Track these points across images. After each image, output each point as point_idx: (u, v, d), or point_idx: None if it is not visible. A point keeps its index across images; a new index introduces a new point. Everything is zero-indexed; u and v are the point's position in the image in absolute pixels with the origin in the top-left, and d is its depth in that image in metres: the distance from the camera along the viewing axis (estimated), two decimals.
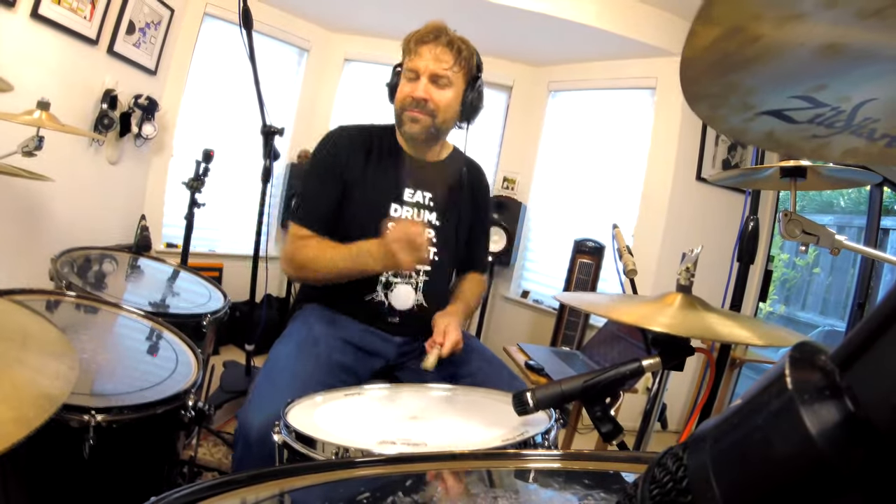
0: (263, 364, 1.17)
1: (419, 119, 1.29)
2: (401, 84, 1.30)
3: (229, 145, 3.20)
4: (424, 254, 1.18)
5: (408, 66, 1.28)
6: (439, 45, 1.26)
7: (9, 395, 0.56)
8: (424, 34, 1.28)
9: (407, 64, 1.29)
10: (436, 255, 1.36)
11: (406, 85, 1.29)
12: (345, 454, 0.74)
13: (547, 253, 3.64)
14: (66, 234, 2.41)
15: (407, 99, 1.28)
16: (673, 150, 3.07)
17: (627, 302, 0.95)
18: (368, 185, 1.33)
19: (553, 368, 2.09)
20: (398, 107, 1.31)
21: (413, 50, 1.28)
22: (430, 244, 1.35)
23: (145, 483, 1.01)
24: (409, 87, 1.28)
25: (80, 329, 1.20)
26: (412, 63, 1.27)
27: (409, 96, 1.28)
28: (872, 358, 0.20)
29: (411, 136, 1.32)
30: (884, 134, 0.47)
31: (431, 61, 1.26)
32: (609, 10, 3.02)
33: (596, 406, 0.79)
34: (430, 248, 1.33)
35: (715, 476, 0.22)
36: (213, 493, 0.51)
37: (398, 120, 1.33)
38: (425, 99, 1.27)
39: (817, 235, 1.05)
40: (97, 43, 2.45)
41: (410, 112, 1.29)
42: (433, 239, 1.36)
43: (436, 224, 1.37)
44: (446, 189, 1.41)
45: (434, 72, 1.26)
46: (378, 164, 1.35)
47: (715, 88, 0.44)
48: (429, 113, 1.28)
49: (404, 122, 1.30)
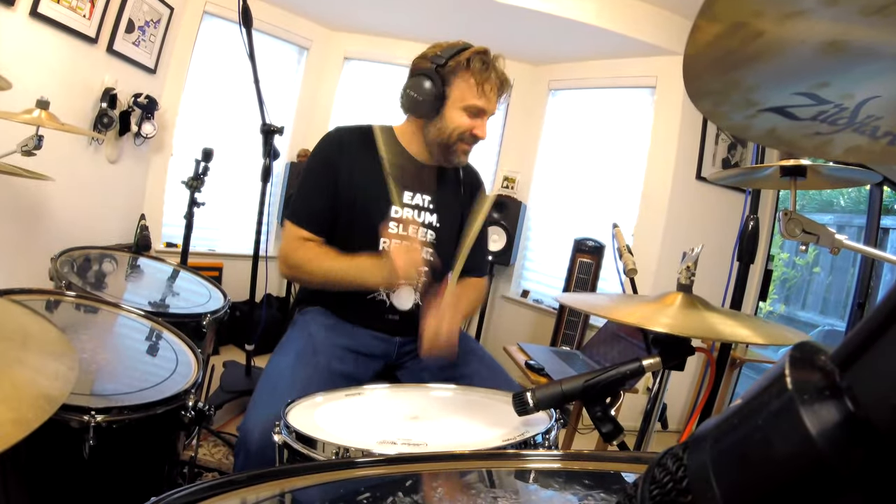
0: (263, 374, 1.17)
1: (469, 151, 1.36)
2: (459, 114, 1.29)
3: (229, 144, 3.19)
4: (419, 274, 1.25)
5: (476, 104, 1.29)
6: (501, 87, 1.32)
7: (8, 396, 0.55)
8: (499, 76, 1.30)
9: (475, 100, 1.28)
10: (434, 255, 1.36)
11: (467, 118, 1.30)
12: (345, 454, 0.74)
13: (547, 252, 3.64)
14: (65, 233, 2.41)
15: (467, 134, 1.31)
16: (673, 149, 3.07)
17: (628, 302, 0.95)
18: (368, 186, 1.33)
19: (553, 368, 2.09)
20: (455, 134, 1.30)
21: (484, 86, 1.28)
22: (430, 245, 1.35)
23: (145, 483, 1.01)
24: (473, 123, 1.30)
25: (80, 329, 1.20)
26: (480, 103, 1.29)
27: (474, 135, 1.32)
28: (872, 358, 0.20)
29: (458, 164, 1.38)
30: (886, 132, 0.46)
31: (495, 105, 1.33)
32: (609, 8, 3.02)
33: (596, 406, 0.79)
34: (427, 251, 1.34)
35: (715, 476, 0.22)
36: (213, 493, 0.51)
37: (447, 145, 1.32)
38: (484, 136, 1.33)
39: (817, 235, 1.05)
40: (96, 41, 2.45)
41: (467, 146, 1.34)
42: (433, 241, 1.36)
43: (435, 226, 1.37)
44: (446, 190, 1.41)
45: (494, 114, 1.35)
46: (377, 165, 1.34)
47: (717, 85, 0.44)
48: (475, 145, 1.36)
49: (457, 154, 1.34)
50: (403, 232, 1.32)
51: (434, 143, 1.33)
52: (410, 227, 1.33)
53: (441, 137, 1.32)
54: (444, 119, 1.30)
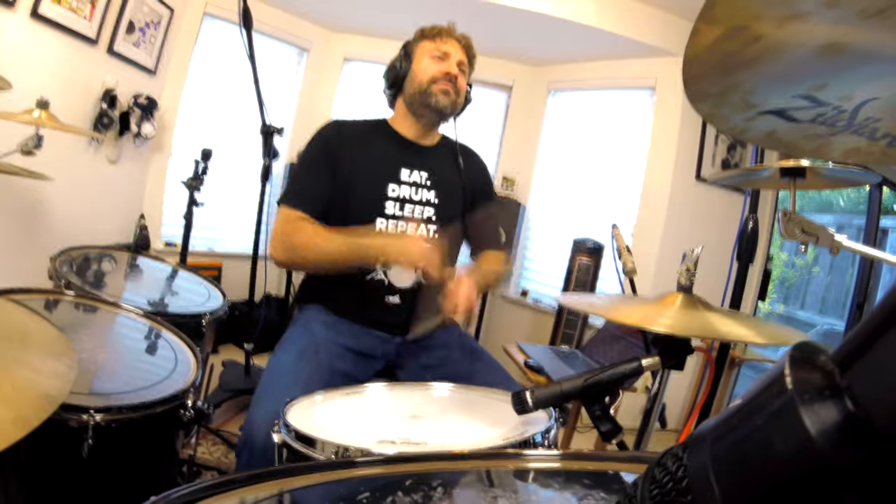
0: (264, 372, 1.17)
1: (449, 92, 1.36)
2: (424, 62, 1.37)
3: (229, 145, 3.19)
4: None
5: (436, 48, 1.37)
6: (460, 42, 1.40)
7: (7, 395, 0.55)
8: (450, 29, 1.40)
9: (433, 46, 1.38)
10: (435, 233, 1.36)
11: (434, 62, 1.37)
12: (344, 454, 0.74)
13: (546, 252, 3.64)
14: (65, 233, 2.40)
15: (438, 73, 1.36)
16: (672, 149, 3.07)
17: (629, 303, 0.95)
18: (365, 168, 1.34)
19: (552, 368, 2.09)
20: (427, 79, 1.36)
21: (440, 37, 1.38)
22: (430, 222, 1.37)
23: (145, 483, 1.01)
24: (441, 64, 1.37)
25: (79, 328, 1.20)
26: (442, 46, 1.37)
27: (443, 71, 1.36)
28: (872, 358, 0.20)
29: (440, 107, 1.37)
30: (885, 133, 0.47)
31: (459, 51, 1.39)
32: (608, 9, 3.02)
33: (595, 405, 0.79)
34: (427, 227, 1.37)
35: (715, 476, 0.22)
36: (212, 492, 0.51)
37: (425, 92, 1.36)
38: (456, 76, 1.36)
39: (816, 235, 1.05)
40: (97, 42, 2.45)
41: (443, 84, 1.35)
42: (432, 217, 1.38)
43: (434, 202, 1.39)
44: (444, 168, 1.44)
45: (460, 60, 1.39)
46: (374, 149, 1.37)
47: (717, 88, 0.44)
48: (455, 91, 1.37)
49: (434, 94, 1.35)
50: (400, 212, 1.34)
51: (412, 99, 1.38)
52: (407, 206, 1.35)
53: (414, 88, 1.37)
54: (413, 73, 1.38)
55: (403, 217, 1.34)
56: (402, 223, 1.34)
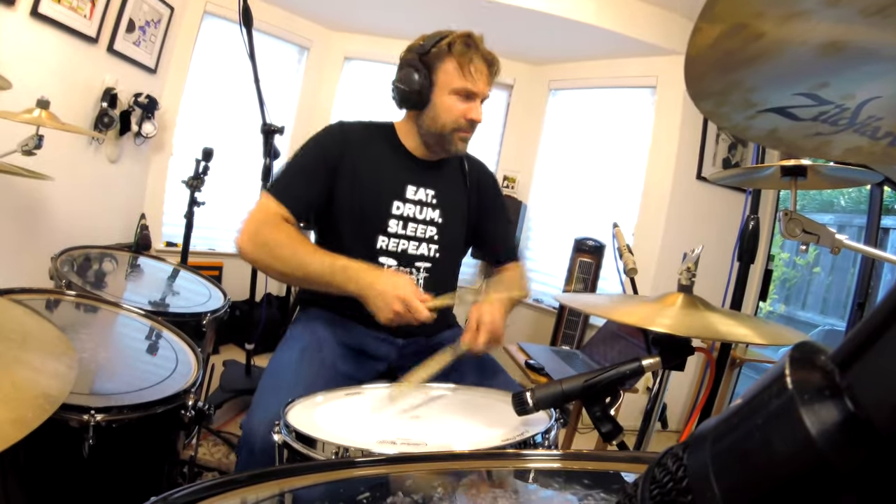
0: (266, 370, 1.16)
1: (469, 139, 1.31)
2: (449, 101, 1.26)
3: (229, 144, 3.19)
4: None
5: (462, 80, 1.24)
6: (489, 67, 1.28)
7: (8, 395, 0.55)
8: (484, 56, 1.26)
9: (459, 76, 1.24)
10: (437, 252, 1.35)
11: (460, 103, 1.26)
12: (345, 454, 0.74)
13: (547, 252, 3.64)
14: (65, 232, 2.41)
15: (461, 120, 1.27)
16: (673, 148, 3.07)
17: (629, 302, 0.95)
18: (369, 182, 1.31)
19: (553, 368, 2.09)
20: (450, 122, 1.27)
21: (468, 68, 1.24)
22: (432, 242, 1.35)
23: (145, 483, 1.01)
24: (467, 108, 1.26)
25: (80, 328, 1.20)
26: (471, 85, 1.25)
27: (470, 119, 1.27)
28: (872, 358, 0.20)
29: (457, 153, 1.34)
30: (887, 132, 0.47)
31: (486, 86, 1.28)
32: (609, 8, 3.02)
33: (596, 406, 0.79)
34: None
35: (715, 476, 0.22)
36: (213, 492, 0.51)
37: (444, 137, 1.29)
38: (480, 121, 1.28)
39: (817, 235, 1.05)
40: (97, 41, 2.45)
41: (465, 133, 1.29)
42: (435, 237, 1.36)
43: (438, 221, 1.37)
44: (450, 185, 1.40)
45: (485, 95, 1.29)
46: (379, 162, 1.33)
47: (718, 86, 0.44)
48: (474, 131, 1.31)
49: (454, 142, 1.29)
50: (402, 230, 1.32)
51: (429, 133, 1.30)
52: (410, 224, 1.32)
53: (435, 127, 1.28)
54: (436, 107, 1.26)
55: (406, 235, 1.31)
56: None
